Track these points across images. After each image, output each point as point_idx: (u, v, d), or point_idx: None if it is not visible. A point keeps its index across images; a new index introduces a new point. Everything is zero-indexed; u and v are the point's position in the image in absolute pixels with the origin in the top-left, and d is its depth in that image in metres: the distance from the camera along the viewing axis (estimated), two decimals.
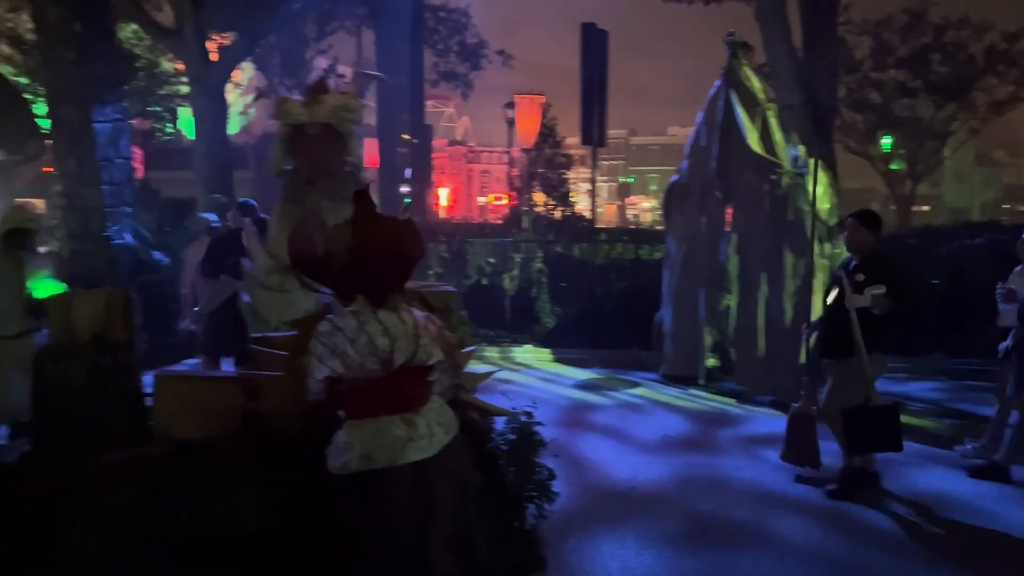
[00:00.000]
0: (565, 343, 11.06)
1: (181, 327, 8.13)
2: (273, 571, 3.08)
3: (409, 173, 22.22)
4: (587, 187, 26.25)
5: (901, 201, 32.51)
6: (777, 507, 5.36)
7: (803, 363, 7.97)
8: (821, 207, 8.27)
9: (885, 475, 5.76)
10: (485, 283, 12.40)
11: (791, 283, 8.07)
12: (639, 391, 8.89)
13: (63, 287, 5.70)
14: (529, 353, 11.00)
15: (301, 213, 3.02)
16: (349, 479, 2.87)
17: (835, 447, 5.70)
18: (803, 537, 4.90)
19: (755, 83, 8.89)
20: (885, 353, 5.66)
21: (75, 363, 3.14)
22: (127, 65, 18.62)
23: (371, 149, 21.78)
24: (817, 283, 7.98)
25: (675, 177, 9.61)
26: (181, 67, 20.05)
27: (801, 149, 8.60)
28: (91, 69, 11.13)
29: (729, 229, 9.02)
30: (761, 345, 8.30)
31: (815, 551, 4.72)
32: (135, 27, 19.60)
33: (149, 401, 3.42)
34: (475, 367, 3.87)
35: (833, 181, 8.80)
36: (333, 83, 3.40)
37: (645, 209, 60.42)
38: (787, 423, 5.98)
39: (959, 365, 9.59)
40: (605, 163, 62.24)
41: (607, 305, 11.39)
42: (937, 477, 5.95)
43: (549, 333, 11.56)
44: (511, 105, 21.57)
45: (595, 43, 14.49)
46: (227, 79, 17.61)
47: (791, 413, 5.97)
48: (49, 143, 13.14)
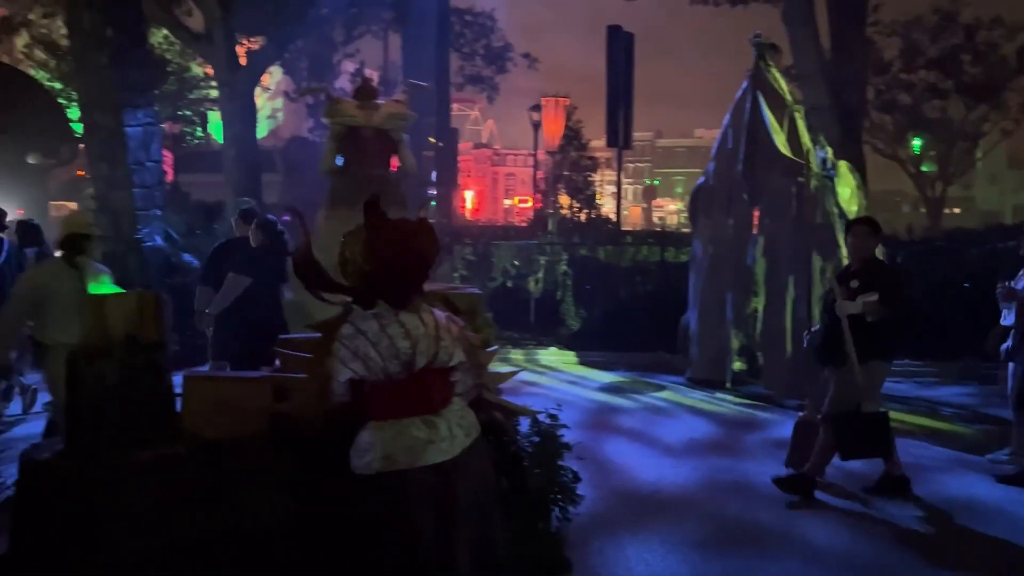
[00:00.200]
0: (590, 346, 11.04)
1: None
2: (296, 571, 3.12)
3: (435, 176, 22.32)
4: (612, 189, 26.19)
5: (931, 203, 32.12)
6: (804, 511, 5.32)
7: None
8: (849, 209, 8.21)
9: (915, 480, 5.69)
10: (510, 285, 12.42)
11: (819, 286, 8.00)
12: (665, 394, 8.85)
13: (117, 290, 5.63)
14: (554, 355, 11.00)
15: (351, 215, 3.04)
16: (370, 480, 2.89)
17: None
18: (831, 542, 4.85)
19: (782, 85, 8.84)
20: (885, 360, 5.59)
21: (107, 362, 3.19)
22: (158, 70, 18.92)
23: None
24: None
25: (702, 179, 9.57)
26: (211, 71, 20.29)
27: (829, 151, 8.54)
28: (123, 74, 11.31)
29: (756, 232, 8.96)
30: (788, 348, 8.23)
31: (843, 556, 4.67)
32: (166, 32, 19.87)
33: (178, 401, 3.47)
34: (498, 368, 3.88)
35: (861, 183, 8.73)
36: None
37: (671, 211, 60.22)
38: (792, 431, 5.95)
39: (990, 369, 9.43)
40: (631, 165, 62.06)
41: (632, 308, 11.36)
42: (967, 483, 5.86)
43: (574, 335, 11.54)
44: (536, 108, 21.61)
45: (621, 46, 14.46)
46: (256, 83, 17.82)
47: (796, 421, 5.94)
48: (82, 147, 13.39)
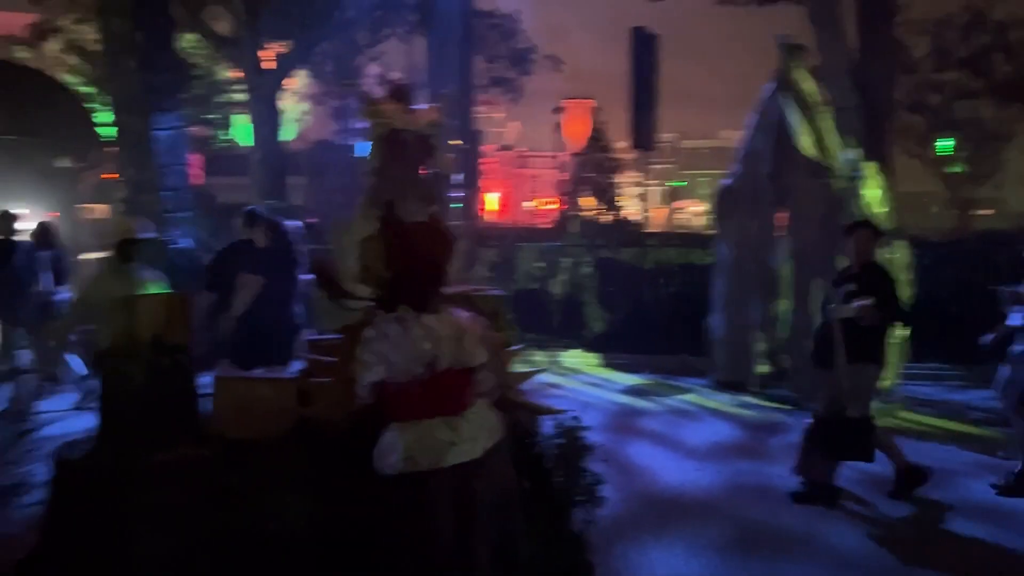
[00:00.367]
0: (613, 348, 11.00)
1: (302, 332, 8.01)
2: (318, 569, 3.14)
3: (459, 178, 22.38)
4: (636, 191, 26.09)
5: (961, 205, 31.68)
6: (829, 516, 5.27)
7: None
8: (877, 211, 8.12)
9: (943, 484, 5.64)
10: (533, 287, 12.41)
11: None
12: (689, 397, 8.81)
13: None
14: (577, 358, 10.97)
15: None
16: (393, 480, 2.91)
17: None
18: (855, 547, 4.80)
19: (809, 86, 8.76)
20: (876, 364, 5.53)
21: (135, 363, 3.24)
22: (186, 74, 19.14)
23: None
24: None
25: (727, 181, 9.51)
26: (238, 75, 20.51)
27: (856, 152, 8.45)
28: (152, 78, 11.45)
29: (782, 234, 8.89)
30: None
31: (867, 561, 4.63)
32: (194, 37, 20.10)
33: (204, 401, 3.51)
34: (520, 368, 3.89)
35: (889, 185, 8.63)
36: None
37: (696, 213, 59.84)
38: (801, 436, 5.89)
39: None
40: (655, 167, 61.75)
41: (656, 310, 11.30)
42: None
43: (597, 338, 11.51)
44: (560, 109, 21.56)
45: (645, 47, 14.41)
46: (282, 87, 17.99)
47: (805, 427, 5.90)
48: (111, 150, 13.58)
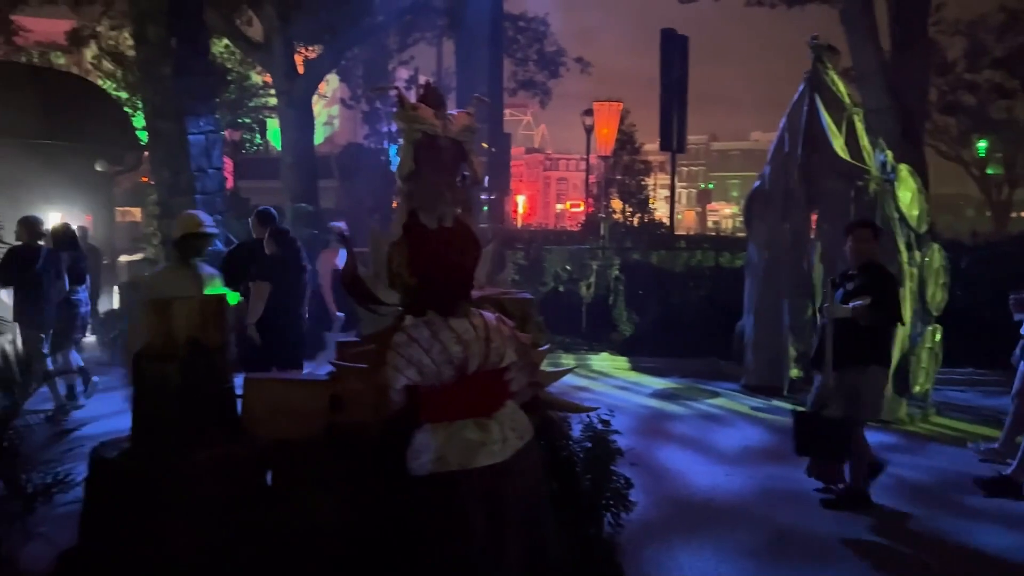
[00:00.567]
0: (643, 351, 10.97)
1: (332, 333, 8.05)
2: (349, 568, 3.17)
3: (487, 181, 22.43)
4: (666, 193, 25.99)
5: (997, 207, 31.16)
6: (860, 522, 5.21)
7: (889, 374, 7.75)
8: (910, 214, 8.03)
9: (976, 491, 5.56)
10: (562, 290, 12.41)
11: None
12: (719, 401, 8.75)
13: (236, 296, 5.36)
14: (606, 361, 10.95)
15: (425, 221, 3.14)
16: (423, 480, 2.94)
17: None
18: (888, 552, 4.75)
19: (841, 87, 8.68)
20: (881, 366, 5.48)
21: (171, 364, 3.30)
22: (219, 78, 19.41)
23: None
24: (906, 292, 7.75)
25: (757, 183, 9.44)
26: (269, 80, 20.74)
27: (889, 154, 8.36)
28: (186, 83, 11.62)
29: (813, 236, 8.81)
30: None
31: (898, 569, 4.57)
32: (227, 42, 20.39)
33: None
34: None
35: (923, 187, 8.52)
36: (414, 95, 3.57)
37: (726, 215, 59.49)
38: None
39: None
40: (685, 169, 61.52)
41: (686, 313, 11.25)
42: None
43: (626, 341, 11.48)
44: (589, 112, 21.54)
45: (675, 49, 14.38)
46: (313, 91, 18.16)
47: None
48: (146, 154, 13.80)
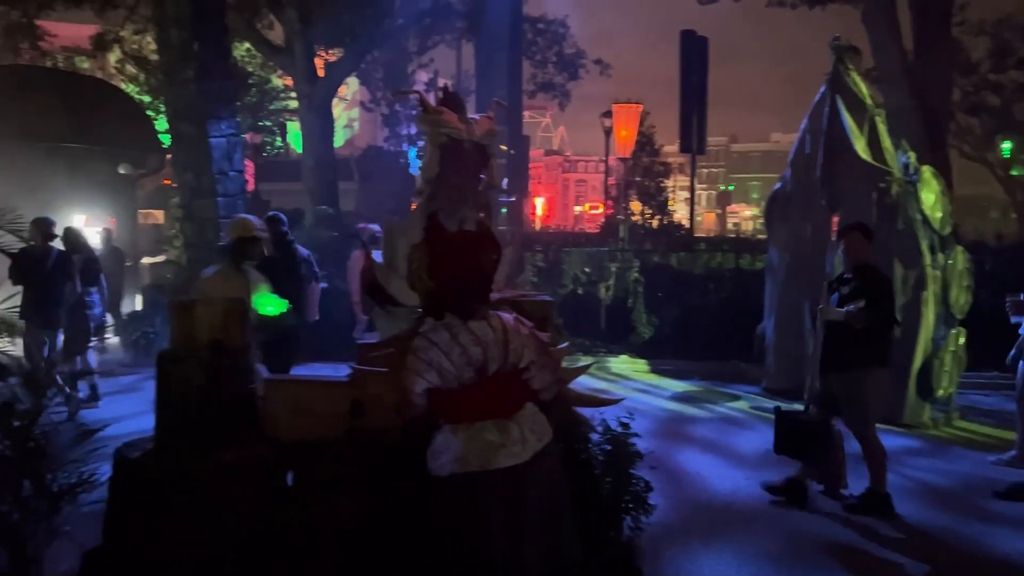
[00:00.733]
0: (662, 354, 10.94)
1: (356, 335, 8.08)
2: (370, 568, 3.19)
3: (506, 183, 22.48)
4: (686, 195, 25.88)
5: (1022, 209, 30.78)
6: (881, 527, 5.16)
7: (913, 377, 7.69)
8: (933, 216, 7.96)
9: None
10: (581, 293, 12.40)
11: (901, 295, 7.77)
12: (740, 404, 8.71)
13: (284, 304, 5.23)
14: (625, 364, 10.93)
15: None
16: (443, 481, 2.95)
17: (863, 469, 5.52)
18: (911, 559, 4.70)
19: (863, 88, 8.62)
20: (879, 367, 5.45)
21: (194, 365, 3.33)
22: (240, 82, 19.56)
23: None
24: (928, 295, 7.69)
25: (778, 185, 9.40)
26: (290, 83, 20.89)
27: (912, 156, 8.29)
28: (208, 87, 11.73)
29: (835, 238, 8.75)
30: None
31: (923, 574, 4.53)
32: (248, 46, 20.54)
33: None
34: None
35: (946, 188, 8.44)
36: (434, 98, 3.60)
37: (746, 217, 59.16)
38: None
39: None
40: (705, 171, 61.26)
41: (706, 316, 11.20)
42: None
43: (646, 343, 11.45)
44: (608, 114, 21.48)
45: (695, 50, 14.33)
46: (334, 94, 18.27)
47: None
48: (169, 157, 13.94)
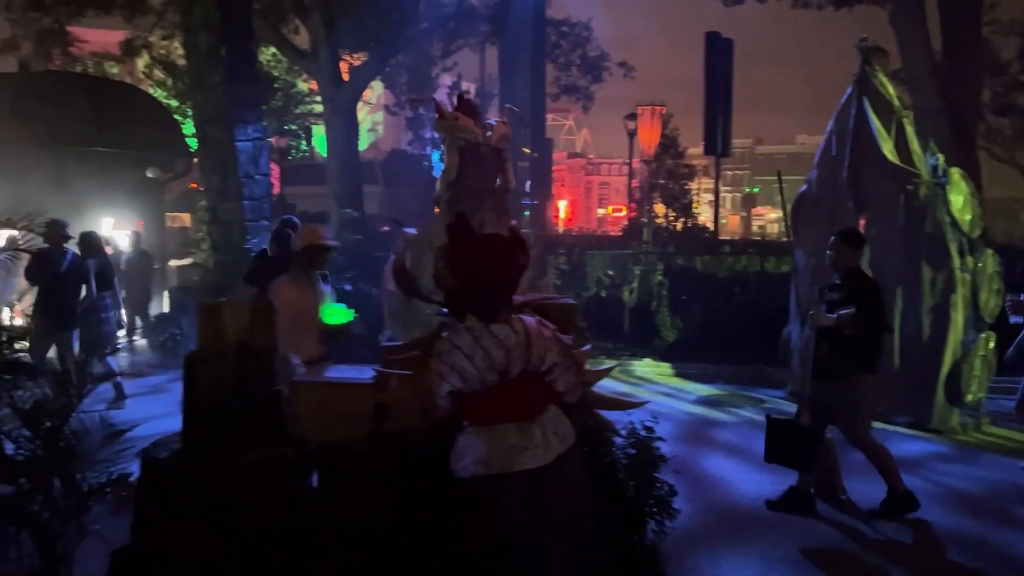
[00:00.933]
0: (686, 357, 10.88)
1: (382, 338, 8.13)
2: (393, 569, 3.21)
3: (529, 186, 22.48)
4: (710, 198, 25.75)
5: None
6: (907, 533, 5.11)
7: (941, 382, 7.60)
8: (962, 218, 7.86)
9: None
10: (604, 296, 12.37)
11: (929, 298, 7.70)
12: (764, 408, 8.64)
13: (351, 313, 5.10)
14: (649, 367, 10.89)
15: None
16: (465, 483, 2.97)
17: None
18: (937, 563, 4.65)
19: (890, 90, 8.53)
20: (868, 374, 5.39)
21: (222, 367, 3.36)
22: (266, 86, 19.75)
23: None
24: (958, 298, 7.59)
25: (804, 187, 9.31)
26: (315, 87, 21.04)
27: (940, 158, 8.19)
28: (235, 91, 11.85)
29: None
30: (896, 363, 7.92)
31: None
32: (274, 50, 20.74)
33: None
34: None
35: (975, 190, 8.33)
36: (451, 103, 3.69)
37: (771, 220, 58.69)
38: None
39: None
40: (729, 173, 60.91)
41: (731, 319, 11.12)
42: None
43: (669, 347, 11.40)
44: (632, 116, 21.44)
45: (719, 52, 14.24)
46: (358, 98, 18.39)
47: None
48: (196, 161, 14.09)
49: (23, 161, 12.49)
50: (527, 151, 22.41)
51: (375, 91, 32.56)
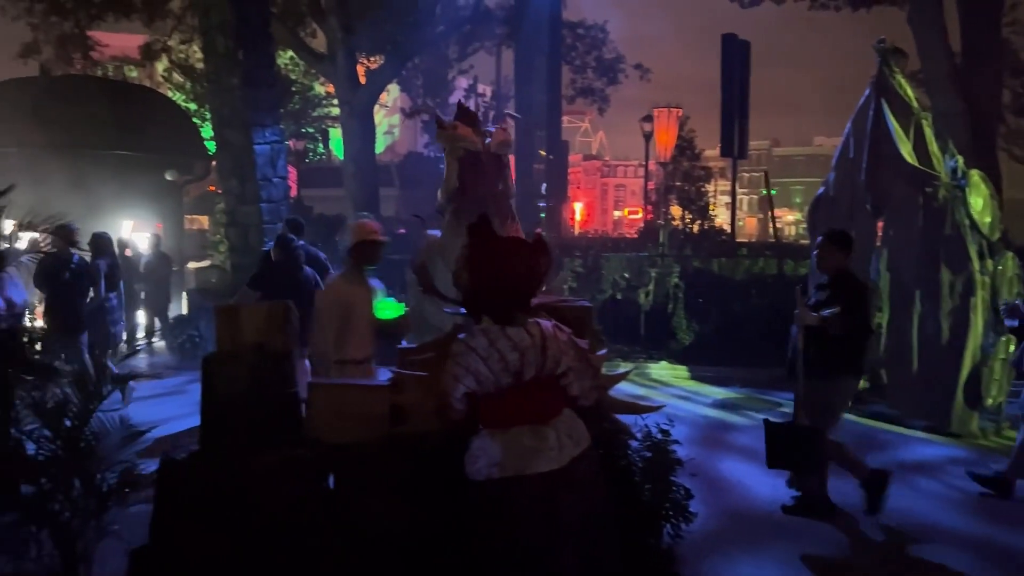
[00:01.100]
0: (702, 360, 10.84)
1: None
2: (407, 570, 3.22)
3: (545, 188, 22.49)
4: (727, 200, 25.66)
5: None
6: (928, 537, 5.07)
7: (961, 385, 7.54)
8: (982, 221, 7.79)
9: None
10: (620, 298, 12.34)
11: (948, 301, 7.63)
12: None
13: (401, 308, 5.12)
14: (665, 370, 10.86)
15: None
16: (480, 485, 2.98)
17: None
18: (955, 568, 4.60)
19: (908, 91, 8.47)
20: (851, 376, 5.41)
21: (239, 368, 3.39)
22: (284, 89, 19.86)
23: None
24: (977, 301, 7.52)
25: (822, 189, 9.25)
26: (332, 90, 21.15)
27: (959, 159, 8.12)
28: (253, 94, 11.93)
29: (880, 244, 8.61)
30: (915, 366, 7.86)
31: None
32: (291, 54, 20.87)
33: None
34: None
35: (995, 192, 8.25)
36: (473, 105, 3.70)
37: (789, 222, 58.37)
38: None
39: None
40: (746, 175, 60.56)
41: (747, 322, 11.07)
42: None
43: (686, 350, 11.36)
44: (648, 118, 21.39)
45: (736, 53, 14.18)
46: (375, 101, 18.45)
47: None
48: (214, 164, 14.21)
49: (44, 164, 12.63)
50: (543, 153, 22.42)
51: (391, 94, 32.67)
